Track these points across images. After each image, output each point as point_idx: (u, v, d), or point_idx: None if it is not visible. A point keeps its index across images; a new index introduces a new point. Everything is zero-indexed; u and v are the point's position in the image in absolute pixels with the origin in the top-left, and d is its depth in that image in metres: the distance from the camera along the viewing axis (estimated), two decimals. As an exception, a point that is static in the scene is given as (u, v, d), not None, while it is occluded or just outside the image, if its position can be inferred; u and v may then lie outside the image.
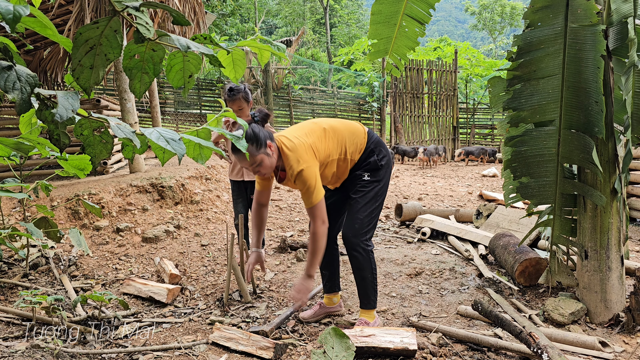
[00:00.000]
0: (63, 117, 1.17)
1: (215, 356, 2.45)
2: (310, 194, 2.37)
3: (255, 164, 2.38)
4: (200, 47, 1.25)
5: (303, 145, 2.42)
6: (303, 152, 2.40)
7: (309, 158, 2.40)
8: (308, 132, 2.52)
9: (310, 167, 2.38)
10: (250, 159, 2.36)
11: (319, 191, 2.39)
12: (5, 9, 1.02)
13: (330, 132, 2.56)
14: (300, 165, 2.36)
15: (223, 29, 23.37)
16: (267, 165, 2.40)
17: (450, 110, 13.79)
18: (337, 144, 2.56)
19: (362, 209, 2.59)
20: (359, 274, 2.64)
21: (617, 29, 2.56)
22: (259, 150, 2.37)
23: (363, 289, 2.67)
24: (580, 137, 2.61)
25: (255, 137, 2.36)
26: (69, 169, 2.57)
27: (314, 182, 2.37)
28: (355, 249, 2.57)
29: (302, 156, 2.39)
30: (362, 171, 2.63)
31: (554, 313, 2.73)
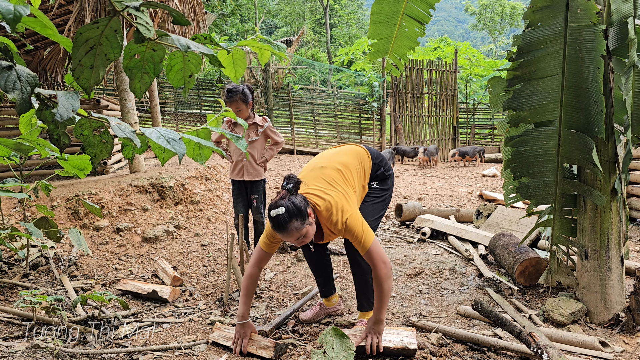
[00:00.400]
0: (63, 117, 1.17)
1: (215, 356, 2.45)
2: (362, 239, 2.29)
3: (301, 236, 2.24)
4: (200, 47, 1.26)
5: (336, 197, 2.34)
6: (341, 203, 2.32)
7: (348, 206, 2.33)
8: (330, 181, 2.44)
9: (352, 214, 2.31)
10: (296, 234, 2.20)
11: (370, 233, 2.32)
12: (5, 9, 1.02)
13: (346, 171, 2.52)
14: (345, 215, 2.29)
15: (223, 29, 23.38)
16: (311, 234, 2.28)
17: (450, 110, 13.79)
18: (356, 178, 2.55)
19: (369, 215, 2.59)
20: (361, 278, 2.63)
21: (617, 29, 2.56)
22: (304, 223, 2.21)
23: (364, 293, 2.66)
24: (580, 137, 2.61)
25: (299, 211, 2.20)
26: (69, 169, 2.57)
27: (361, 227, 2.30)
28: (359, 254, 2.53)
29: (342, 207, 2.31)
30: (371, 181, 2.69)
31: (554, 313, 2.73)
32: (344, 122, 13.73)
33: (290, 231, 2.18)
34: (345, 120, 13.75)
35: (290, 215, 2.16)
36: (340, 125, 13.67)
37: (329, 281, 2.89)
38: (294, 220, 2.17)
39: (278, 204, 2.18)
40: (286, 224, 2.16)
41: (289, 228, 2.17)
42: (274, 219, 2.17)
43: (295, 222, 2.18)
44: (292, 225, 2.17)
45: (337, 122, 13.67)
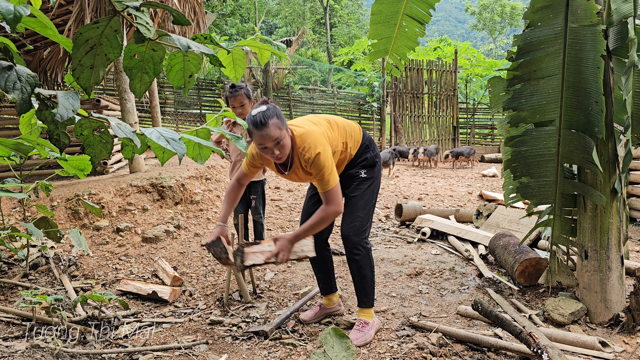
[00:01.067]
0: (63, 117, 1.17)
1: (215, 356, 2.45)
2: (328, 177, 2.32)
3: (280, 139, 2.24)
4: (200, 47, 1.26)
5: (316, 131, 2.37)
6: (318, 136, 2.35)
7: (324, 142, 2.35)
8: (315, 122, 2.49)
9: (326, 150, 2.33)
10: (274, 131, 2.21)
11: (335, 175, 2.35)
12: (5, 9, 1.02)
13: (333, 124, 2.56)
14: (318, 148, 2.30)
15: (223, 29, 23.38)
16: (286, 145, 2.29)
17: (450, 110, 13.79)
18: (340, 135, 2.55)
19: (361, 207, 2.57)
20: (359, 273, 2.61)
21: (617, 29, 2.56)
22: (283, 126, 2.26)
23: (362, 288, 2.65)
24: (580, 137, 2.61)
25: (279, 113, 2.27)
26: (69, 169, 2.57)
27: (330, 165, 2.32)
28: (357, 247, 2.56)
29: (319, 140, 2.33)
30: (359, 168, 2.62)
31: (554, 313, 2.73)
32: (344, 122, 13.71)
33: (270, 127, 2.19)
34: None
35: (271, 113, 2.22)
36: (340, 125, 13.66)
37: (329, 278, 2.87)
38: (274, 117, 2.22)
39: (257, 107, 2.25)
40: (266, 119, 2.19)
41: (268, 123, 2.19)
42: (255, 117, 2.21)
43: (275, 120, 2.22)
44: (271, 121, 2.20)
45: (337, 122, 13.66)
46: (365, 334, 2.57)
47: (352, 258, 2.59)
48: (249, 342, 2.61)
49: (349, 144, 2.58)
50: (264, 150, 2.28)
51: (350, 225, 2.55)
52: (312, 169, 2.34)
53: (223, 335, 2.70)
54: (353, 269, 2.62)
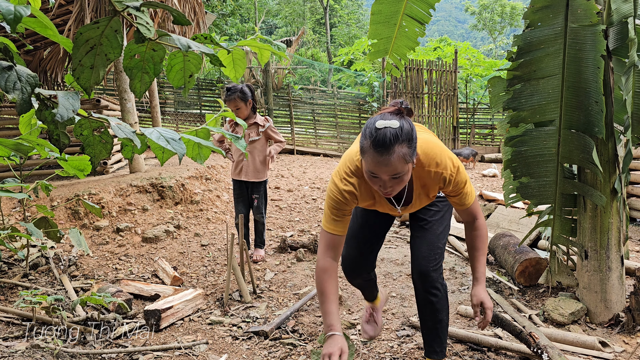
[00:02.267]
0: (63, 117, 1.17)
1: (215, 356, 2.45)
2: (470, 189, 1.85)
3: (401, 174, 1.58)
4: (200, 47, 1.26)
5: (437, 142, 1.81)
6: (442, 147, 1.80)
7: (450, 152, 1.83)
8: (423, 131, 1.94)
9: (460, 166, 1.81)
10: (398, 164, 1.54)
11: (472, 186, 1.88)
12: (6, 9, 1.02)
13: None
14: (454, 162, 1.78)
15: (223, 29, 23.37)
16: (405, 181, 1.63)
17: (450, 110, 13.79)
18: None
19: (442, 235, 2.05)
20: (434, 317, 2.06)
21: (617, 29, 2.56)
22: (411, 155, 1.59)
23: (436, 335, 2.08)
24: (580, 137, 2.61)
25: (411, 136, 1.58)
26: (69, 169, 2.57)
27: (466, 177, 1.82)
28: (436, 286, 2.01)
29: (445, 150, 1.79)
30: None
31: (554, 313, 2.73)
32: (344, 122, 13.73)
33: (394, 156, 1.52)
34: (345, 120, 13.75)
35: (402, 134, 1.53)
36: (340, 125, 13.67)
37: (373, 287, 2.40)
38: (404, 143, 1.54)
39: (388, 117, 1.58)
40: (394, 142, 1.51)
41: (394, 151, 1.52)
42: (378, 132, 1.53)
43: (404, 147, 1.54)
44: (399, 148, 1.52)
45: (337, 122, 13.67)
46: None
47: (428, 299, 2.03)
48: (249, 342, 2.61)
49: None
50: (373, 179, 1.62)
51: (431, 259, 2.00)
52: (450, 188, 1.80)
53: (223, 335, 2.70)
54: (427, 312, 2.07)
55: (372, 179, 1.63)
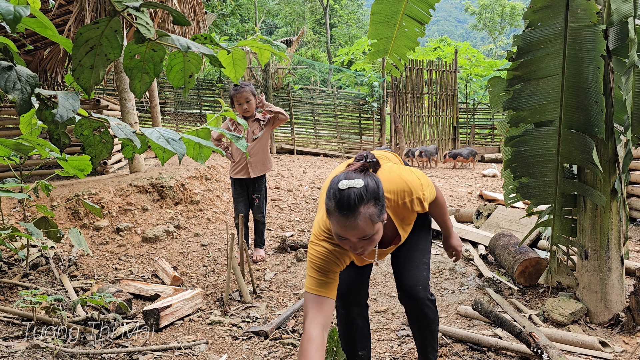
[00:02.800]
0: (63, 117, 1.17)
1: (215, 356, 2.45)
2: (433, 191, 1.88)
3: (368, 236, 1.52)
4: (200, 47, 1.26)
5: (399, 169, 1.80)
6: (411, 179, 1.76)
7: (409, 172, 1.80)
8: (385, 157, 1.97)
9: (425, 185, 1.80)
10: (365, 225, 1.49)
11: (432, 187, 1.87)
12: (5, 9, 1.02)
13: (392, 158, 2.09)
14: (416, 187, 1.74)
15: (223, 29, 23.38)
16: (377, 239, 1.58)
17: (450, 110, 13.79)
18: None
19: (426, 251, 2.01)
20: (427, 330, 2.02)
21: (617, 29, 2.56)
22: (380, 215, 1.53)
23: (430, 344, 2.07)
24: (580, 137, 2.61)
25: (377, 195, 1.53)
26: (69, 169, 2.57)
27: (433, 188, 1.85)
28: (426, 304, 1.93)
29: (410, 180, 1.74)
30: None
31: (554, 313, 2.73)
32: (344, 122, 13.73)
33: (360, 218, 1.47)
34: (345, 120, 13.75)
35: (367, 194, 1.48)
36: (340, 125, 13.67)
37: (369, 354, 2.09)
38: (370, 203, 1.49)
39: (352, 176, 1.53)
40: (359, 204, 1.46)
41: (359, 212, 1.46)
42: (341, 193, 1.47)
43: (370, 207, 1.48)
44: (364, 209, 1.47)
45: (337, 122, 13.67)
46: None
47: (422, 314, 1.95)
48: (249, 342, 2.61)
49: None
50: (342, 241, 1.56)
51: (419, 277, 1.92)
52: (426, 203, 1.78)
53: (223, 335, 2.70)
54: (422, 327, 2.01)
55: (341, 241, 1.56)
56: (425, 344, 2.07)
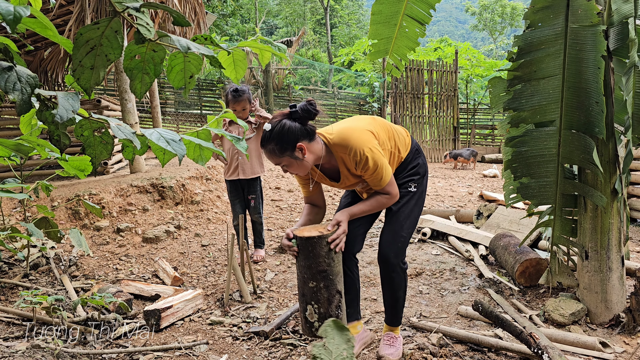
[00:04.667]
0: (63, 117, 1.17)
1: (216, 356, 2.45)
2: (381, 173, 2.11)
3: (280, 163, 2.09)
4: (200, 48, 1.26)
5: (355, 128, 2.12)
6: (360, 134, 2.09)
7: (369, 137, 2.10)
8: (356, 119, 2.24)
9: (374, 146, 2.09)
10: (271, 157, 2.07)
11: (388, 168, 2.14)
12: (5, 9, 1.02)
13: (379, 121, 2.29)
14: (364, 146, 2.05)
15: (223, 30, 23.38)
16: (294, 167, 2.09)
17: (451, 110, 13.78)
18: (387, 133, 2.26)
19: (406, 226, 2.28)
20: (393, 294, 2.36)
21: (618, 29, 2.56)
22: (283, 152, 2.04)
23: (394, 308, 2.41)
24: (580, 137, 2.61)
25: (280, 136, 2.02)
26: (69, 169, 2.57)
27: (381, 160, 2.08)
28: (395, 270, 2.28)
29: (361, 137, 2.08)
30: (409, 177, 2.33)
31: (555, 313, 2.73)
32: (345, 122, 13.72)
33: (267, 151, 2.07)
34: (345, 120, 13.74)
35: (270, 136, 2.03)
36: (340, 126, 13.66)
37: (355, 302, 2.49)
38: (272, 141, 2.03)
39: (273, 120, 2.07)
40: (265, 142, 2.05)
41: (266, 147, 2.06)
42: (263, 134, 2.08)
43: (271, 145, 2.03)
44: (268, 145, 2.04)
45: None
46: (397, 349, 2.35)
47: (389, 277, 2.32)
48: (249, 343, 2.61)
49: (397, 143, 2.30)
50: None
51: (393, 247, 2.27)
52: (363, 170, 2.11)
53: (223, 335, 2.70)
54: (387, 289, 2.37)
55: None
56: (390, 307, 2.42)
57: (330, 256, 2.01)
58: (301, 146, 2.05)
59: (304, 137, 2.07)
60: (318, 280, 2.00)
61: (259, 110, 3.83)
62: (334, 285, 2.03)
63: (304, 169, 2.13)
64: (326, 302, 2.02)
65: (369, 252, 4.22)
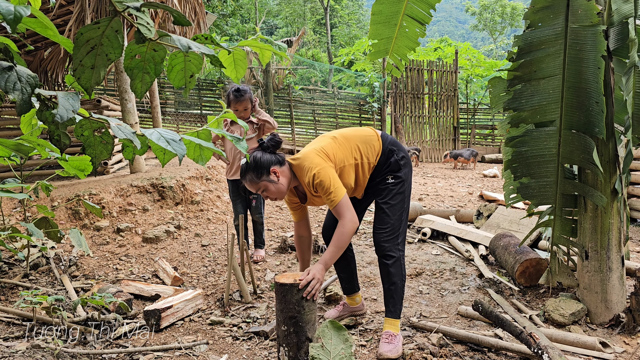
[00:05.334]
0: (63, 117, 1.17)
1: (216, 356, 2.45)
2: (330, 193, 2.34)
3: (260, 189, 2.42)
4: (201, 48, 1.26)
5: (310, 152, 2.43)
6: (312, 157, 2.40)
7: (319, 161, 2.39)
8: (315, 142, 2.54)
9: (323, 167, 2.36)
10: (252, 186, 2.42)
11: (340, 188, 2.36)
12: (6, 9, 1.02)
13: (340, 139, 2.54)
14: (312, 169, 2.35)
15: (224, 29, 23.38)
16: (272, 191, 2.41)
17: (451, 110, 13.78)
18: (350, 149, 2.52)
19: (391, 213, 2.52)
20: (388, 279, 2.52)
21: (618, 29, 2.56)
22: (260, 178, 2.38)
23: (390, 296, 2.53)
24: (580, 137, 2.61)
25: (255, 166, 2.38)
26: (70, 169, 2.57)
27: (329, 180, 2.34)
28: (387, 254, 2.50)
29: (312, 160, 2.38)
30: (384, 175, 2.57)
31: (555, 313, 2.73)
32: (345, 122, 13.73)
33: (247, 181, 2.41)
34: (345, 120, 13.75)
35: (247, 167, 2.39)
36: (340, 126, 13.67)
37: (352, 278, 2.89)
38: (249, 172, 2.38)
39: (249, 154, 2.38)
40: (243, 173, 2.41)
41: (245, 177, 2.41)
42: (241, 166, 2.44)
43: (250, 175, 2.38)
44: (247, 176, 2.40)
45: (338, 122, 13.68)
46: (395, 346, 2.40)
47: (382, 262, 2.53)
48: (249, 343, 2.61)
49: (364, 155, 2.54)
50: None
51: (381, 232, 2.52)
52: (318, 190, 2.39)
53: (223, 335, 2.70)
54: (383, 275, 2.55)
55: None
56: (387, 295, 2.56)
57: (300, 304, 2.13)
58: (274, 170, 2.40)
59: (276, 163, 2.42)
60: (289, 325, 2.14)
61: (260, 112, 3.84)
62: (303, 332, 2.15)
63: (281, 193, 2.44)
64: (295, 347, 2.15)
65: (369, 252, 4.22)
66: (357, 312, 2.92)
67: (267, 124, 3.85)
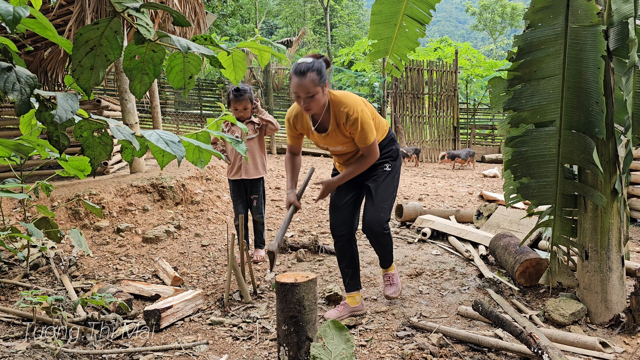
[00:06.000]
0: (62, 118, 1.17)
1: (216, 356, 2.45)
2: (368, 132, 2.55)
3: (310, 94, 2.43)
4: (200, 48, 1.25)
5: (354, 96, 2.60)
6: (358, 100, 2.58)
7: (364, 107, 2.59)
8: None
9: (365, 111, 2.56)
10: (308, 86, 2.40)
11: (374, 132, 2.59)
12: (5, 10, 1.02)
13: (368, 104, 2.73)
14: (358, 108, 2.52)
15: (223, 30, 23.38)
16: (317, 100, 2.47)
17: (451, 110, 13.78)
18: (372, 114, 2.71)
19: (385, 198, 2.75)
20: (383, 249, 2.89)
21: (618, 29, 2.56)
22: (319, 83, 2.43)
23: (384, 256, 2.95)
24: (580, 137, 2.61)
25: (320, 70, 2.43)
26: (69, 169, 2.57)
27: (370, 122, 2.55)
28: (381, 235, 2.77)
29: (358, 103, 2.56)
30: (383, 159, 2.80)
31: (555, 313, 2.72)
32: (345, 122, 13.72)
33: (306, 79, 2.38)
34: (345, 120, 13.73)
35: (313, 66, 2.40)
36: (340, 126, 13.65)
37: (356, 273, 2.96)
38: (315, 72, 2.40)
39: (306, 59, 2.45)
40: (307, 71, 2.39)
41: (307, 75, 2.39)
42: (299, 65, 2.41)
43: (313, 74, 2.39)
44: (309, 74, 2.39)
45: (338, 122, 13.66)
46: (397, 284, 3.01)
47: (378, 242, 2.83)
48: (249, 343, 2.61)
49: (378, 126, 2.77)
50: (297, 99, 2.47)
51: (376, 217, 2.71)
52: (352, 128, 2.54)
53: (223, 335, 2.70)
54: (378, 249, 2.90)
55: (297, 99, 2.49)
56: (381, 256, 2.97)
57: (301, 304, 2.14)
58: (326, 84, 2.51)
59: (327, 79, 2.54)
60: (289, 325, 2.15)
61: (262, 112, 3.84)
62: (303, 331, 2.15)
63: (320, 108, 2.53)
64: (295, 346, 2.15)
65: (369, 252, 4.21)
66: (357, 312, 2.92)
67: (269, 124, 3.85)
